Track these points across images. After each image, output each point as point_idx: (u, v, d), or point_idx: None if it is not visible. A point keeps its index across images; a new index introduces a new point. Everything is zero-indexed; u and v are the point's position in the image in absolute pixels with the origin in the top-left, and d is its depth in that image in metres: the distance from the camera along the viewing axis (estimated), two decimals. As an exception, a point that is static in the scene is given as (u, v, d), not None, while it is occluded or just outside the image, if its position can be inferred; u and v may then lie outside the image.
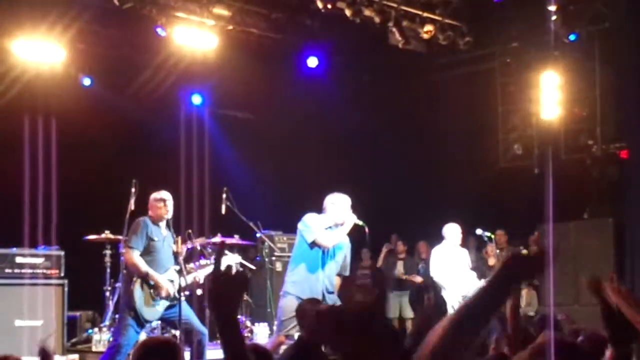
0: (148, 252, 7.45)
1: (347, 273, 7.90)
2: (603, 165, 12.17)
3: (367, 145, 13.84)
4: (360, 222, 7.66)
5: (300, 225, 7.59)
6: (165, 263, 7.54)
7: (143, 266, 7.32)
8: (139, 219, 7.55)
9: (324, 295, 7.40)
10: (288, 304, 7.27)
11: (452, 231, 9.65)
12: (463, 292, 9.04)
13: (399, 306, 13.02)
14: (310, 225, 7.49)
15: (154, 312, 7.37)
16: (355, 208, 7.77)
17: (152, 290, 7.35)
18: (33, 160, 11.58)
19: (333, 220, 7.60)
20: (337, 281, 7.70)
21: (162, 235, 7.57)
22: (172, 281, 7.39)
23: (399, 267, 13.19)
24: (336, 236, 7.53)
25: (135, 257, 7.35)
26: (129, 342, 7.29)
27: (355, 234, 7.82)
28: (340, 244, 7.63)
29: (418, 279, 12.89)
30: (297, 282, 7.44)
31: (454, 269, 9.48)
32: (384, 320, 4.41)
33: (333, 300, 7.52)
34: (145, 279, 7.32)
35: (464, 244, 10.07)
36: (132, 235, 7.46)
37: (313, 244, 7.47)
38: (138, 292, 7.28)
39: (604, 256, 10.94)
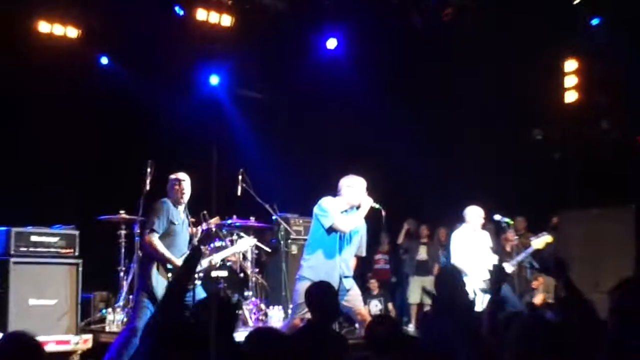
0: (167, 235, 7.36)
1: (364, 254, 7.82)
2: (625, 151, 12.03)
3: (386, 128, 13.73)
4: (377, 205, 7.57)
5: (316, 210, 7.47)
6: (183, 247, 7.48)
7: (163, 250, 7.25)
8: (160, 201, 7.45)
9: (340, 280, 7.34)
10: (304, 288, 7.20)
11: (474, 214, 9.46)
12: (485, 277, 8.91)
13: (421, 291, 12.91)
14: (328, 210, 7.37)
15: None
16: (372, 190, 7.69)
17: (169, 275, 7.28)
18: (49, 139, 11.60)
19: (349, 203, 7.50)
20: (353, 263, 7.64)
21: (181, 219, 7.51)
22: None
23: (422, 252, 13.10)
24: (353, 220, 7.43)
25: (155, 240, 7.26)
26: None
27: (372, 218, 7.74)
28: (356, 227, 7.55)
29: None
30: (314, 266, 7.35)
31: (475, 253, 9.35)
32: None
33: (350, 284, 7.46)
34: (164, 262, 7.26)
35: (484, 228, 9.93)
36: (153, 217, 7.34)
37: (330, 229, 7.36)
38: (156, 276, 7.20)
39: (626, 243, 10.81)
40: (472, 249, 9.39)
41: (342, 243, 7.45)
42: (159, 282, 7.21)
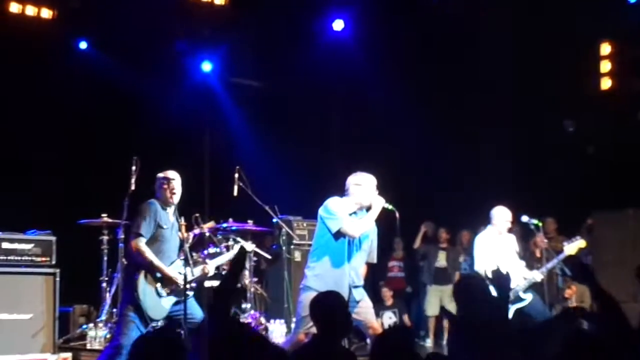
0: (155, 240, 7.26)
1: (374, 261, 7.67)
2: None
3: (397, 119, 13.63)
4: (390, 206, 7.45)
5: (322, 212, 7.31)
6: (172, 254, 7.38)
7: (151, 257, 7.15)
8: (147, 202, 7.34)
9: (350, 290, 7.21)
10: (309, 300, 7.06)
11: (501, 215, 9.37)
12: (512, 285, 8.80)
13: (439, 301, 12.83)
14: (335, 212, 7.22)
15: (160, 309, 7.19)
16: (383, 190, 7.57)
17: (158, 285, 7.18)
18: (22, 133, 11.52)
19: (358, 204, 7.36)
20: (363, 271, 7.53)
21: (170, 222, 7.41)
22: (182, 274, 7.23)
23: (441, 258, 12.99)
24: (364, 224, 7.29)
25: (142, 245, 7.17)
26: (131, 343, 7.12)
27: (383, 220, 7.62)
28: (367, 231, 7.44)
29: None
30: (320, 275, 7.20)
31: (501, 258, 9.24)
32: None
33: (360, 294, 7.34)
34: (151, 270, 7.16)
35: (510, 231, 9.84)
36: (139, 220, 7.23)
37: (338, 234, 7.22)
38: (142, 286, 7.10)
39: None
40: (498, 254, 9.29)
41: (352, 249, 7.33)
42: (147, 294, 7.12)
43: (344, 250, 7.27)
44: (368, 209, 7.37)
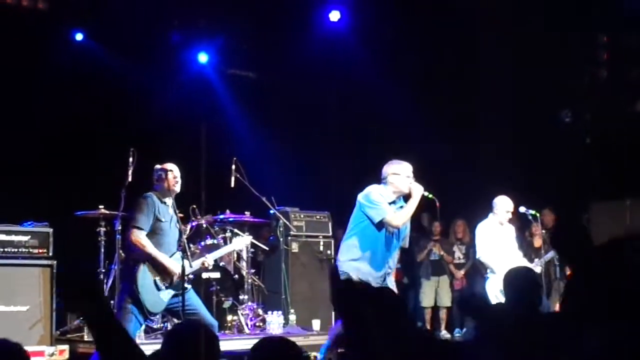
0: (154, 234, 7.24)
1: (406, 246, 7.82)
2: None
3: (394, 111, 13.59)
4: (429, 194, 7.54)
5: (362, 200, 7.38)
6: (172, 247, 7.36)
7: (152, 249, 7.12)
8: (144, 195, 7.33)
9: (384, 278, 7.35)
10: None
11: (503, 205, 9.39)
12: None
13: (435, 293, 12.85)
14: (379, 202, 7.30)
15: (159, 302, 7.18)
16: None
17: (158, 278, 7.16)
18: (19, 124, 11.47)
19: (397, 193, 7.45)
20: (397, 256, 7.69)
21: (169, 215, 7.39)
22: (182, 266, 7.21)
23: (435, 250, 12.98)
24: (406, 214, 7.38)
25: (143, 238, 7.14)
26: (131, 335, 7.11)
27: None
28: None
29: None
30: (357, 261, 7.33)
31: (502, 248, 9.26)
32: None
33: (392, 282, 7.46)
34: (152, 262, 7.13)
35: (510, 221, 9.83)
36: (138, 213, 7.22)
37: (380, 223, 7.31)
38: (142, 279, 7.08)
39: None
40: (500, 243, 9.31)
41: (391, 237, 7.44)
42: (146, 287, 7.10)
43: (383, 239, 7.38)
44: (406, 197, 7.46)
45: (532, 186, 11.71)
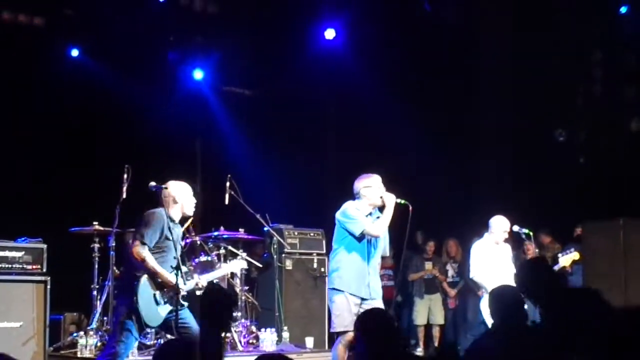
0: (160, 250, 7.16)
1: (387, 254, 8.06)
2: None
3: (389, 129, 13.63)
4: (402, 201, 7.70)
5: (340, 217, 7.68)
6: (172, 263, 7.31)
7: (154, 265, 7.08)
8: (154, 211, 7.20)
9: (369, 288, 7.58)
10: (341, 301, 7.55)
11: (500, 225, 9.45)
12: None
13: (428, 311, 12.87)
14: (355, 217, 7.60)
15: (156, 316, 7.14)
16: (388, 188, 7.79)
17: (157, 292, 7.13)
18: (12, 140, 11.48)
19: (372, 205, 7.72)
20: (379, 264, 7.90)
21: (177, 234, 7.36)
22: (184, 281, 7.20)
23: (427, 269, 13.01)
24: (383, 222, 7.63)
25: (146, 253, 7.05)
26: (127, 351, 7.07)
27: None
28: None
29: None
30: (342, 276, 7.61)
31: (496, 267, 9.30)
32: None
33: (376, 291, 7.67)
34: (152, 277, 7.10)
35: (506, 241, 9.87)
36: (145, 229, 7.09)
37: (362, 235, 7.59)
38: (141, 294, 7.03)
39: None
40: (494, 262, 9.35)
41: (370, 248, 7.70)
42: (145, 299, 7.03)
43: (364, 251, 7.67)
44: (381, 207, 7.72)
45: (526, 206, 11.73)
